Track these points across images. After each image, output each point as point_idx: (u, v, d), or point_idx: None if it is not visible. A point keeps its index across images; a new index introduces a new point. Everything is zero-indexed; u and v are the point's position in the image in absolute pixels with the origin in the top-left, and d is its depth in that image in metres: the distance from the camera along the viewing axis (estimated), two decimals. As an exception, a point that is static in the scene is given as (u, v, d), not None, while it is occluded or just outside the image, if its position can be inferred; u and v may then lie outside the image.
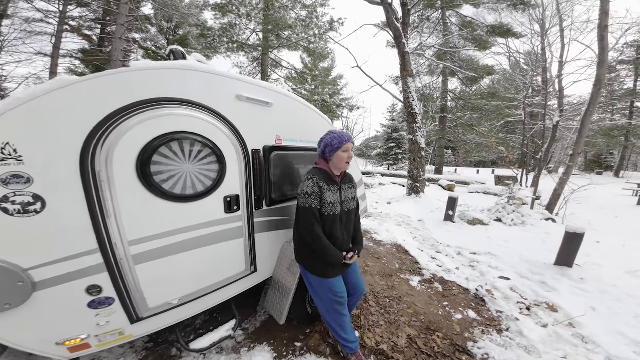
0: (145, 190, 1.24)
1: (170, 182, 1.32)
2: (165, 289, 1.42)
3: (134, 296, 1.31)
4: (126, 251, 1.24)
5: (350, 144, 1.51)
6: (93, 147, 1.09)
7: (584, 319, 2.17)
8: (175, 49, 1.48)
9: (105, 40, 12.76)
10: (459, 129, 16.54)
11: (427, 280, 2.99)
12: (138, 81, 1.17)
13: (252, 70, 12.94)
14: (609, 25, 5.14)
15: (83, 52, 13.17)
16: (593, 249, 3.83)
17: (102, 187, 1.13)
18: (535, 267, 3.23)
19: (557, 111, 10.03)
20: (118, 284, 1.24)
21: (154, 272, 1.35)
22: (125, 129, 1.15)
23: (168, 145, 1.28)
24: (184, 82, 1.32)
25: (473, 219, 5.44)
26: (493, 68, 13.79)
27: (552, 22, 10.47)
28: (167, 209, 1.33)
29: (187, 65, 1.34)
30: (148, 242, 1.30)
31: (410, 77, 7.35)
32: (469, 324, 2.20)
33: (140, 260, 1.29)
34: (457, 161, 41.97)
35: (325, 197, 1.43)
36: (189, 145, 1.36)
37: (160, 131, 1.25)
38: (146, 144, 1.21)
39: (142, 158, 1.21)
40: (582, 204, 7.25)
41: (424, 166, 7.69)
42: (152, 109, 1.21)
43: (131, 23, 10.29)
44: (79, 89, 1.05)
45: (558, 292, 2.64)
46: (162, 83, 1.24)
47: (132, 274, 1.28)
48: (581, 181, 7.63)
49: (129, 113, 1.15)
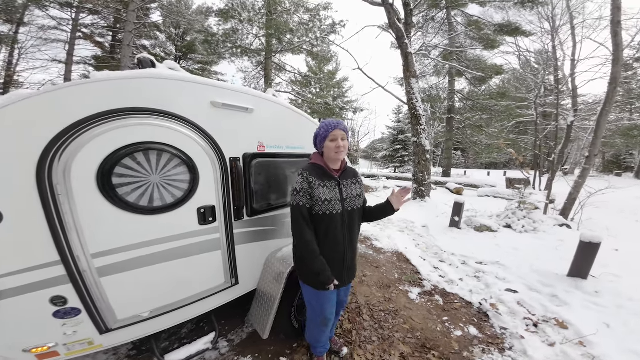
0: (107, 203, 1.20)
1: (136, 194, 1.27)
2: (134, 302, 1.38)
3: (101, 307, 1.28)
4: (89, 264, 1.21)
5: (340, 131, 1.30)
6: (50, 160, 1.06)
7: (596, 337, 1.97)
8: (143, 57, 1.44)
9: (116, 47, 13.24)
10: (467, 130, 16.11)
11: (428, 292, 2.83)
12: (98, 92, 1.13)
13: (256, 74, 13.08)
14: (623, 22, 4.86)
15: (96, 59, 13.71)
16: (611, 258, 3.55)
17: (60, 200, 1.09)
18: (546, 279, 3.01)
19: (571, 111, 9.58)
20: (83, 295, 1.22)
21: (121, 284, 1.31)
22: (84, 142, 1.12)
23: (132, 157, 1.24)
24: (149, 91, 1.26)
25: (480, 225, 5.20)
26: (502, 67, 13.38)
27: (562, 20, 10.09)
28: (132, 222, 1.28)
29: (151, 73, 1.29)
30: (113, 254, 1.26)
31: (414, 78, 7.20)
32: (469, 342, 2.04)
33: (105, 273, 1.26)
34: (466, 163, 40.94)
35: (317, 194, 1.28)
36: (156, 156, 1.31)
37: (123, 142, 1.20)
38: (107, 156, 1.17)
39: (103, 170, 1.17)
40: (599, 208, 6.84)
41: (429, 169, 7.48)
42: (114, 120, 1.17)
43: (140, 30, 10.64)
44: (34, 102, 1.02)
45: (569, 306, 2.43)
46: (124, 93, 1.19)
47: (97, 286, 1.25)
48: (599, 183, 7.20)
49: (88, 125, 1.11)
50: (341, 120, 1.36)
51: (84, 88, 1.11)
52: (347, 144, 1.33)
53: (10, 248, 1.05)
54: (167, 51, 16.58)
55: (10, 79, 12.58)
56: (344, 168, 1.42)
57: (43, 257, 1.11)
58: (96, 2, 10.33)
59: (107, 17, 12.80)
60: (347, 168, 1.45)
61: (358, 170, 14.20)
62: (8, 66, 12.63)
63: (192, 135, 1.42)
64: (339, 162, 1.38)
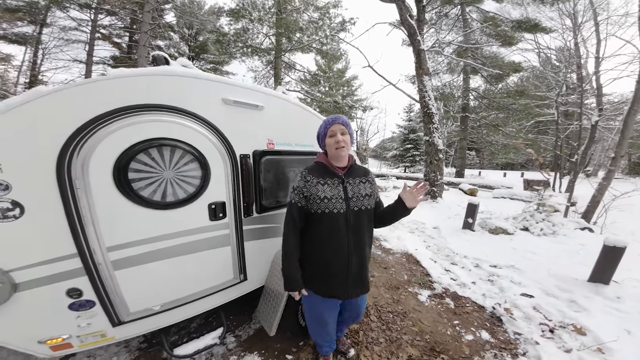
0: (122, 197, 1.24)
1: (150, 189, 1.31)
2: (146, 295, 1.41)
3: (115, 300, 1.32)
4: (105, 257, 1.25)
5: (338, 126, 1.24)
6: (69, 155, 1.11)
7: (616, 343, 1.85)
8: (158, 54, 1.48)
9: (132, 48, 13.72)
10: (482, 129, 15.60)
11: (438, 294, 2.76)
12: (114, 89, 1.18)
13: (266, 73, 13.21)
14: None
15: (114, 59, 14.28)
16: (636, 263, 3.33)
17: (78, 194, 1.14)
18: (565, 283, 2.86)
19: (596, 110, 9.05)
20: (98, 288, 1.26)
21: (134, 278, 1.35)
22: (102, 137, 1.16)
23: (147, 152, 1.27)
24: (163, 88, 1.30)
25: (496, 227, 5.02)
26: (520, 65, 12.84)
27: (585, 16, 9.54)
28: (146, 216, 1.32)
29: (165, 70, 1.33)
30: (127, 248, 1.30)
31: (427, 76, 7.04)
32: (480, 347, 1.97)
33: (119, 266, 1.30)
34: (481, 163, 39.64)
35: (314, 192, 1.22)
36: (169, 151, 1.34)
37: (138, 138, 1.24)
38: (123, 151, 1.21)
39: (119, 165, 1.21)
40: (624, 211, 6.43)
41: (441, 169, 7.30)
42: (129, 116, 1.21)
43: (155, 31, 10.96)
44: (54, 98, 1.07)
45: (589, 312, 2.30)
46: (138, 90, 1.23)
47: (111, 279, 1.30)
48: (624, 186, 6.77)
49: (105, 121, 1.16)
50: (340, 115, 1.30)
51: (101, 85, 1.15)
52: (348, 139, 1.26)
53: (30, 240, 1.10)
54: (181, 51, 17.07)
55: (35, 79, 13.33)
56: (350, 165, 1.33)
57: (61, 250, 1.16)
58: (113, 3, 10.75)
59: (123, 18, 13.31)
60: (355, 166, 1.37)
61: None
62: (33, 66, 13.39)
63: (203, 132, 1.45)
64: (343, 158, 1.29)
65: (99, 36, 13.28)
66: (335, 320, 1.53)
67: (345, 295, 1.30)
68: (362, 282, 1.33)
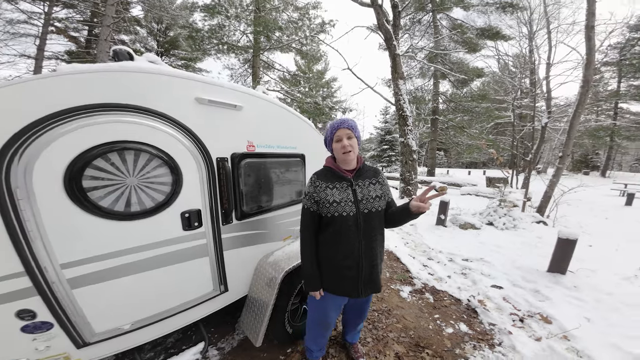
0: (77, 208, 1.07)
1: (110, 198, 1.15)
2: (114, 314, 1.26)
3: (76, 321, 1.16)
4: (59, 275, 1.08)
5: (344, 130, 1.24)
6: (7, 162, 0.93)
7: (579, 331, 2.06)
8: (119, 49, 1.31)
9: (92, 42, 12.47)
10: (450, 130, 16.66)
11: (418, 290, 2.86)
12: (65, 87, 1.01)
13: (243, 72, 12.76)
14: (595, 27, 5.17)
15: (69, 54, 12.83)
16: (586, 253, 3.77)
17: (21, 205, 0.96)
18: (528, 274, 3.14)
19: (545, 113, 10.13)
20: (54, 308, 1.10)
21: (97, 296, 1.19)
22: (49, 141, 0.99)
23: (105, 157, 1.11)
24: (125, 86, 1.15)
25: (465, 222, 5.37)
26: (483, 70, 13.95)
27: (539, 25, 10.63)
28: (107, 229, 1.16)
29: (128, 67, 1.17)
30: (86, 264, 1.13)
31: (401, 80, 7.30)
32: (460, 339, 2.07)
33: (78, 284, 1.13)
34: (449, 162, 42.42)
35: (324, 197, 1.24)
36: (133, 156, 1.19)
37: (95, 141, 1.08)
38: (76, 156, 1.05)
39: (71, 172, 1.04)
40: (572, 205, 7.30)
41: (415, 169, 7.63)
42: (83, 117, 1.05)
43: (119, 25, 10.01)
44: None
45: (552, 301, 2.54)
46: (95, 88, 1.07)
47: (69, 298, 1.13)
48: (570, 182, 7.69)
49: (53, 122, 0.99)
50: (347, 119, 1.28)
51: (49, 82, 0.98)
52: (355, 142, 1.25)
53: None
54: (148, 46, 15.82)
55: (-28, 76, 11.45)
56: (359, 168, 1.32)
57: (5, 269, 0.98)
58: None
59: (83, 11, 11.99)
60: (365, 167, 1.35)
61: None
62: (-29, 62, 11.50)
63: (174, 134, 1.31)
64: (351, 162, 1.28)
65: (52, 30, 11.79)
66: (334, 323, 1.55)
67: (356, 293, 1.33)
68: (373, 282, 1.35)
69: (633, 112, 21.61)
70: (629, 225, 5.73)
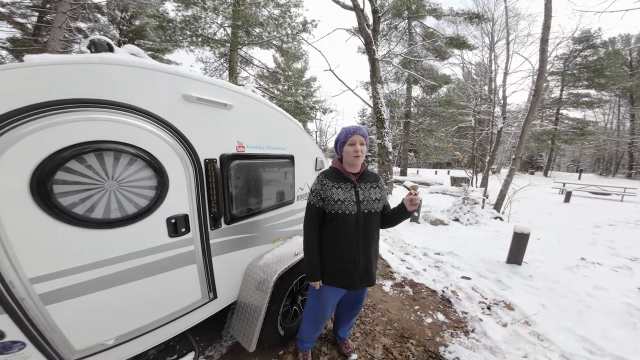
0: (46, 216, 0.95)
1: (86, 205, 1.04)
2: (95, 329, 1.15)
3: (52, 339, 1.04)
4: (28, 290, 0.96)
5: (359, 136, 1.35)
6: None
7: (538, 316, 2.36)
8: (98, 39, 1.18)
9: (42, 29, 10.95)
10: (420, 133, 17.71)
11: (399, 284, 3.02)
12: (34, 80, 0.89)
13: (219, 66, 12.12)
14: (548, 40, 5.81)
15: (12, 42, 11.13)
16: (535, 245, 4.30)
17: None
18: (491, 266, 3.49)
19: (501, 118, 11.28)
20: (25, 326, 0.97)
21: (74, 311, 1.07)
22: (12, 141, 0.86)
23: (80, 159, 1.00)
24: (104, 80, 1.04)
25: (435, 219, 5.78)
26: (449, 77, 15.03)
27: (500, 35, 11.77)
28: (83, 238, 1.05)
29: (106, 58, 1.06)
30: (59, 277, 1.01)
31: (379, 84, 7.56)
32: (439, 328, 2.25)
33: (52, 300, 1.01)
34: (418, 163, 45.12)
35: (329, 195, 1.36)
36: (112, 157, 1.08)
37: (68, 141, 0.97)
38: (44, 158, 0.93)
39: (40, 176, 0.92)
40: (521, 202, 8.24)
41: (391, 169, 7.98)
42: (54, 113, 0.93)
43: (76, 11, 8.82)
44: None
45: (512, 290, 2.87)
46: (70, 82, 0.96)
47: (43, 315, 1.01)
48: (520, 181, 8.67)
49: (18, 120, 0.86)
50: (361, 127, 1.38)
51: (16, 73, 0.85)
52: (365, 149, 1.38)
53: None
54: (109, 35, 14.19)
55: None
56: (362, 172, 1.45)
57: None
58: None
59: None
60: (367, 172, 1.48)
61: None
62: None
63: (159, 133, 1.22)
64: (358, 166, 1.41)
65: None
66: (329, 317, 1.65)
67: (352, 286, 1.44)
68: (368, 276, 1.47)
69: (571, 117, 25.04)
70: (567, 220, 6.65)
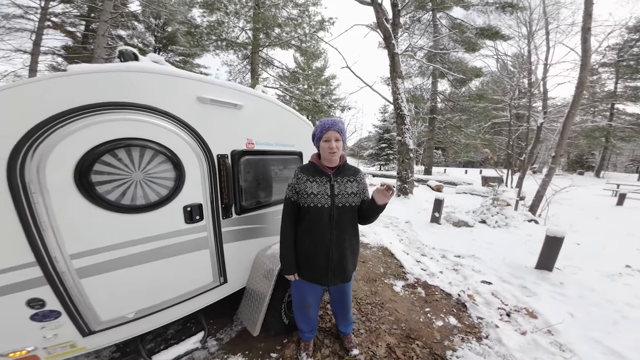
0: (86, 202, 1.14)
1: (117, 192, 1.22)
2: (118, 303, 1.33)
3: (83, 309, 1.23)
4: (68, 265, 1.15)
5: (334, 132, 1.32)
6: (22, 157, 0.99)
7: (562, 325, 2.17)
8: (125, 49, 1.37)
9: (89, 37, 12.36)
10: (447, 130, 16.77)
11: (411, 284, 2.96)
12: (75, 86, 1.07)
13: (242, 68, 12.69)
14: (592, 28, 5.23)
15: (66, 49, 12.72)
16: (574, 251, 3.89)
17: (34, 199, 1.02)
18: (517, 271, 3.25)
19: (541, 113, 10.25)
20: (63, 297, 1.16)
21: (103, 285, 1.26)
22: (61, 137, 1.05)
23: (112, 153, 1.18)
24: (131, 85, 1.21)
25: (458, 220, 5.48)
26: (481, 70, 14.00)
27: (538, 25, 10.69)
28: (114, 221, 1.23)
29: (134, 67, 1.23)
30: (94, 255, 1.20)
31: (400, 79, 7.35)
32: (449, 331, 2.17)
33: (85, 274, 1.20)
34: (446, 161, 42.67)
35: (303, 188, 1.37)
36: (139, 152, 1.26)
37: (103, 138, 1.15)
38: (85, 152, 1.11)
39: (81, 167, 1.11)
40: (563, 205, 7.45)
41: (412, 167, 7.73)
42: (93, 115, 1.11)
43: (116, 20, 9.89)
44: (3, 96, 0.94)
45: (538, 297, 2.65)
46: (103, 87, 1.13)
47: (77, 288, 1.20)
48: (563, 182, 7.83)
49: (65, 120, 1.05)
50: (337, 120, 1.37)
51: (60, 81, 1.04)
52: (340, 145, 1.36)
53: None
54: (146, 42, 15.62)
55: (-33, 70, 11.26)
56: (340, 166, 1.44)
57: (17, 259, 1.04)
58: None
59: (80, 6, 11.84)
60: (346, 166, 1.47)
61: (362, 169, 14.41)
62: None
63: (177, 132, 1.37)
64: (335, 161, 1.41)
65: (49, 24, 11.65)
66: (318, 305, 1.69)
67: (326, 282, 1.46)
68: (342, 272, 1.47)
69: (629, 113, 21.86)
70: (618, 225, 5.88)
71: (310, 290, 1.56)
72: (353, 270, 1.56)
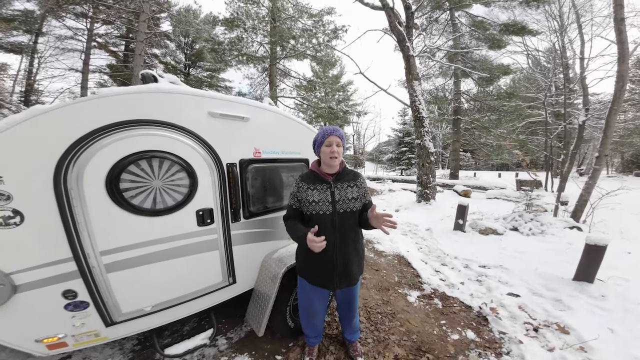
0: (115, 206, 1.33)
1: (140, 198, 1.39)
2: (138, 296, 1.48)
3: (107, 301, 1.39)
4: (98, 260, 1.33)
5: (335, 137, 1.36)
6: (65, 168, 1.19)
7: (598, 342, 1.92)
8: (146, 73, 1.58)
9: (129, 56, 13.90)
10: (475, 131, 15.84)
11: (427, 295, 2.82)
12: (104, 107, 1.27)
13: (262, 80, 13.39)
14: (627, 18, 4.74)
15: (110, 67, 14.39)
16: (622, 261, 3.43)
17: (73, 203, 1.22)
18: (551, 283, 2.94)
19: (583, 110, 9.28)
20: (92, 289, 1.33)
21: (126, 280, 1.42)
22: (95, 151, 1.25)
23: (137, 164, 1.36)
24: (150, 104, 1.39)
25: (486, 228, 5.12)
26: (509, 67, 13.15)
27: (570, 18, 9.85)
28: (137, 223, 1.40)
29: (152, 88, 1.42)
30: (119, 252, 1.37)
31: (416, 81, 7.20)
32: (466, 346, 2.04)
33: (112, 269, 1.37)
34: (477, 165, 39.98)
35: (305, 196, 1.41)
36: (158, 162, 1.43)
37: (128, 151, 1.33)
38: (114, 163, 1.30)
39: (111, 176, 1.29)
40: (615, 209, 6.59)
41: (433, 171, 7.42)
42: (120, 131, 1.30)
43: (151, 39, 11.08)
44: (50, 116, 1.16)
45: (573, 311, 2.38)
46: (127, 107, 1.32)
47: (104, 281, 1.37)
48: (615, 184, 6.94)
49: (98, 136, 1.25)
50: (338, 128, 1.42)
51: (93, 103, 1.24)
52: (341, 151, 1.41)
53: (29, 246, 1.18)
54: (177, 59, 17.19)
55: (30, 87, 13.36)
56: (340, 172, 1.45)
57: (57, 254, 1.24)
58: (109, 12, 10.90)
59: (120, 27, 13.47)
60: (346, 171, 1.48)
61: (362, 173, 14.21)
62: (28, 75, 13.46)
63: (191, 144, 1.53)
64: (335, 167, 1.43)
65: (95, 45, 13.44)
66: (325, 312, 1.69)
67: (331, 286, 1.47)
68: (348, 276, 1.47)
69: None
70: (685, 234, 5.04)
71: (317, 296, 1.57)
72: (360, 274, 1.56)
